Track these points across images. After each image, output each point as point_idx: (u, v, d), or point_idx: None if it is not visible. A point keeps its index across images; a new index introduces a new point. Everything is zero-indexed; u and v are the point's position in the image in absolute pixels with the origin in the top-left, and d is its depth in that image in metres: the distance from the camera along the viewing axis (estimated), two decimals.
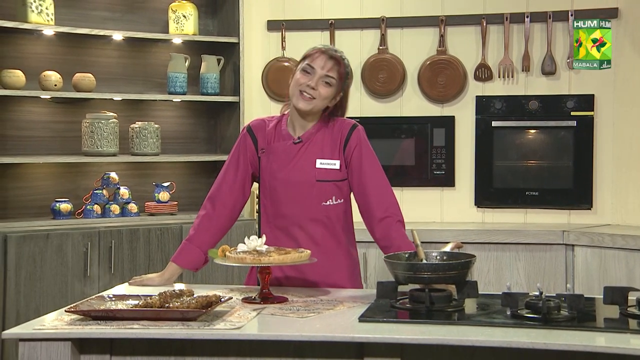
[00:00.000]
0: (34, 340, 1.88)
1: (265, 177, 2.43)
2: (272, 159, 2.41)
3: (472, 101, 4.22)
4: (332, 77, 2.37)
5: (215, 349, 1.92)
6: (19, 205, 3.81)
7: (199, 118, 4.32)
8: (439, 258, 2.22)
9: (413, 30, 4.28)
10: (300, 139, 2.41)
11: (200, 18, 4.18)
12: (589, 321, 1.94)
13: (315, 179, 2.38)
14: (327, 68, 2.36)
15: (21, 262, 3.44)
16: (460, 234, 3.82)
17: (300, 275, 2.40)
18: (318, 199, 2.38)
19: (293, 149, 2.40)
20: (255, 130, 2.45)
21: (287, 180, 2.39)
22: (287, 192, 2.39)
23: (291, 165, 2.39)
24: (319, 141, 2.41)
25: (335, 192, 2.40)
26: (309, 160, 2.39)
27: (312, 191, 2.38)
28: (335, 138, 2.41)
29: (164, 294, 2.03)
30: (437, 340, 1.83)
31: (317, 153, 2.40)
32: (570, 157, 4.10)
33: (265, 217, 2.45)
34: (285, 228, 2.40)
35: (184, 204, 4.20)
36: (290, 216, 2.40)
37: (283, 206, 2.40)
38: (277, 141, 2.42)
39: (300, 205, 2.38)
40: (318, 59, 2.37)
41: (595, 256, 3.69)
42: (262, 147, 2.43)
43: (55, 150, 3.93)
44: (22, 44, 3.86)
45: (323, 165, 2.38)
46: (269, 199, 2.43)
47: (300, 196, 2.38)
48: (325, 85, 2.37)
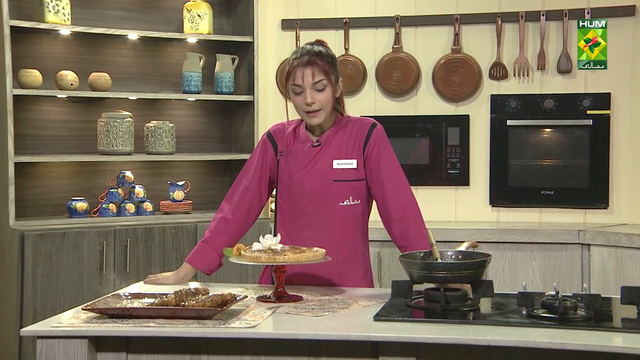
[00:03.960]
0: (52, 337, 1.90)
1: (283, 179, 2.44)
2: (291, 161, 2.43)
3: (487, 100, 4.20)
4: (320, 80, 2.36)
5: (230, 347, 1.93)
6: (35, 203, 3.84)
7: (214, 117, 4.33)
8: (454, 257, 2.21)
9: (427, 29, 4.27)
10: (319, 142, 2.42)
11: (215, 17, 4.19)
12: (606, 321, 1.93)
13: (333, 179, 2.39)
14: (310, 76, 2.35)
15: (38, 261, 3.47)
16: (475, 233, 3.81)
17: (316, 276, 2.40)
18: (335, 199, 2.39)
19: (312, 152, 2.42)
20: (275, 135, 2.47)
21: (305, 182, 2.40)
22: (304, 193, 2.40)
23: (309, 167, 2.41)
24: (338, 142, 2.42)
25: (352, 193, 2.40)
26: (326, 162, 2.40)
27: (329, 192, 2.38)
28: (355, 137, 2.42)
29: (179, 293, 2.04)
30: (453, 340, 1.83)
31: (335, 154, 2.40)
32: (586, 156, 4.08)
33: (282, 220, 2.46)
34: (301, 230, 2.41)
35: (199, 202, 4.21)
36: (306, 218, 2.40)
37: (300, 208, 2.41)
38: (296, 144, 2.44)
39: (317, 206, 2.39)
40: (297, 74, 2.36)
41: (612, 256, 3.66)
42: (281, 150, 2.45)
43: (71, 149, 3.96)
44: (39, 43, 3.89)
45: (340, 165, 2.39)
46: (286, 201, 2.44)
47: (317, 197, 2.39)
48: (319, 91, 2.36)
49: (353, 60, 4.32)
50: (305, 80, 2.35)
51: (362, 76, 4.31)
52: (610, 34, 4.03)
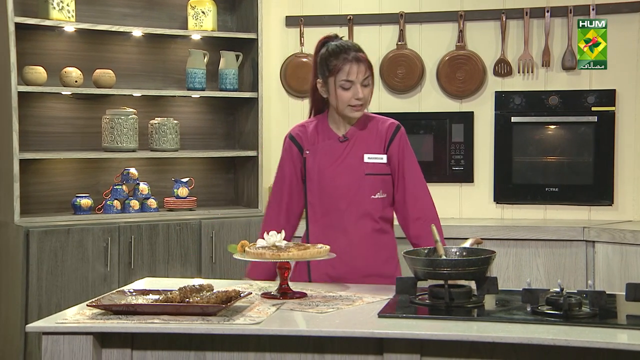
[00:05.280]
0: (57, 333, 1.90)
1: (312, 176, 2.48)
2: (319, 158, 2.47)
3: (492, 97, 4.20)
4: (367, 76, 2.45)
5: (234, 344, 1.93)
6: (40, 200, 3.85)
7: (218, 114, 4.34)
8: (459, 254, 2.21)
9: (432, 26, 4.26)
10: (346, 137, 2.47)
11: (219, 14, 4.19)
12: (611, 318, 1.93)
13: (364, 172, 2.44)
14: (361, 73, 2.43)
15: (43, 257, 3.48)
16: (480, 229, 3.80)
17: (353, 269, 2.43)
18: (367, 192, 2.45)
19: (340, 147, 2.47)
20: (297, 137, 2.52)
21: (337, 177, 2.45)
22: (336, 188, 2.44)
23: (339, 161, 2.45)
24: (365, 137, 2.48)
25: (382, 186, 2.47)
26: (356, 156, 2.46)
27: (361, 185, 2.44)
28: (380, 136, 2.48)
29: (184, 289, 2.04)
30: (457, 337, 1.83)
31: (364, 148, 2.47)
32: (590, 152, 4.07)
33: (313, 216, 2.49)
34: (335, 225, 2.44)
35: (203, 199, 4.21)
36: (339, 212, 2.44)
37: (332, 203, 2.45)
38: (321, 141, 2.49)
39: (350, 199, 2.44)
40: (350, 70, 2.42)
41: (617, 253, 3.66)
42: (307, 149, 2.49)
43: (76, 146, 3.96)
44: (44, 40, 3.89)
45: (371, 159, 2.46)
46: (317, 197, 2.47)
47: (350, 191, 2.44)
48: (365, 87, 2.44)
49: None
50: (355, 76, 2.41)
51: None
52: (616, 30, 4.02)
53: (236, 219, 3.93)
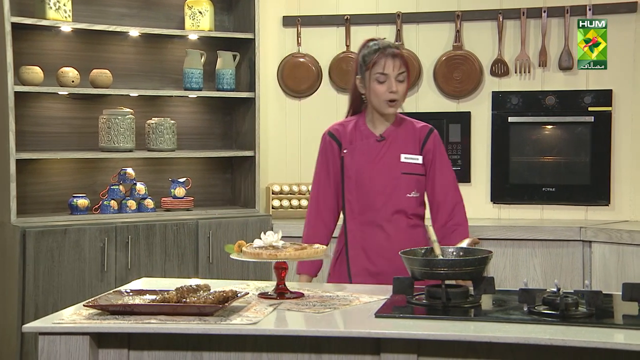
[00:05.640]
0: (54, 334, 1.90)
1: (350, 174, 2.53)
2: (357, 157, 2.53)
3: (489, 97, 4.20)
4: (402, 72, 2.50)
5: (231, 344, 1.93)
6: (37, 200, 3.85)
7: (215, 114, 4.33)
8: (456, 254, 2.21)
9: (429, 26, 4.26)
10: (384, 137, 2.53)
11: (216, 14, 4.19)
12: (607, 318, 1.93)
13: (401, 171, 2.50)
14: (396, 67, 2.49)
15: (39, 257, 3.47)
16: (476, 230, 3.80)
17: (391, 263, 2.45)
18: (403, 190, 2.50)
19: (377, 146, 2.53)
20: (336, 134, 2.58)
21: (374, 175, 2.50)
22: (374, 185, 2.50)
23: (376, 160, 2.51)
24: (401, 138, 2.54)
25: (416, 186, 2.53)
26: (393, 155, 2.52)
27: (398, 183, 2.50)
28: (415, 137, 2.54)
29: (181, 289, 2.04)
30: (454, 337, 1.83)
31: (400, 148, 2.53)
32: (587, 152, 4.07)
33: (351, 214, 2.54)
34: (372, 221, 2.50)
35: (200, 199, 4.21)
36: (377, 209, 2.49)
37: (370, 200, 2.50)
38: (359, 140, 2.54)
39: (387, 197, 2.49)
40: (386, 64, 2.49)
41: (613, 253, 3.66)
42: (345, 147, 2.55)
43: (73, 146, 3.96)
44: (40, 40, 3.89)
45: (407, 159, 2.52)
46: (355, 195, 2.52)
47: (387, 189, 2.50)
48: (400, 82, 2.52)
49: (354, 57, 4.29)
50: (391, 70, 2.49)
51: None
52: (612, 30, 4.02)
53: (233, 219, 3.93)
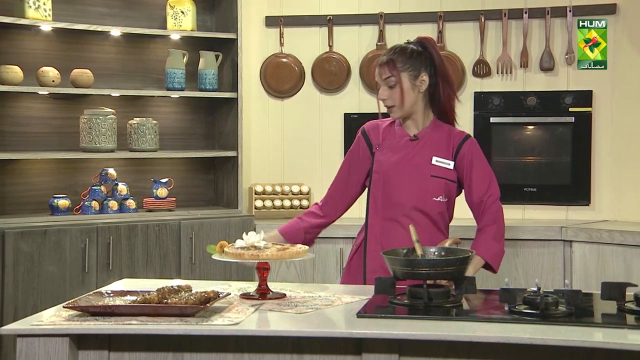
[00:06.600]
0: (32, 336, 1.88)
1: (379, 169, 2.53)
2: (389, 153, 2.53)
3: (471, 97, 4.22)
4: (389, 77, 2.47)
5: (213, 344, 1.93)
6: (16, 201, 3.81)
7: (197, 114, 4.32)
8: (437, 254, 2.22)
9: (411, 26, 4.27)
10: (417, 137, 2.52)
11: (198, 14, 4.18)
12: (586, 317, 1.95)
13: (430, 174, 2.48)
14: (383, 74, 2.49)
15: (19, 258, 3.44)
16: (458, 230, 3.79)
17: None
18: (430, 193, 2.48)
19: (409, 145, 2.52)
20: (368, 131, 2.60)
21: (403, 173, 2.49)
22: (401, 183, 2.49)
23: (407, 158, 2.50)
24: (435, 141, 2.52)
25: (445, 191, 2.50)
26: (425, 157, 2.50)
27: (425, 185, 2.48)
28: (449, 142, 2.52)
29: (162, 290, 2.03)
30: (435, 336, 1.83)
31: (433, 151, 2.51)
32: (568, 153, 4.11)
33: (374, 209, 2.54)
34: (395, 218, 2.49)
35: (182, 200, 4.19)
36: (399, 207, 2.48)
37: (394, 197, 2.49)
38: (392, 138, 2.55)
39: (412, 197, 2.48)
40: (377, 72, 2.52)
41: (593, 252, 3.69)
42: (376, 143, 2.56)
43: (53, 146, 3.92)
44: (20, 39, 3.85)
45: (439, 163, 2.50)
46: (381, 190, 2.52)
47: (412, 188, 2.48)
48: (389, 88, 2.49)
49: (337, 57, 4.32)
50: (380, 78, 2.51)
51: (346, 73, 4.32)
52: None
53: (216, 220, 3.92)
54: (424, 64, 2.48)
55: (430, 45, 2.51)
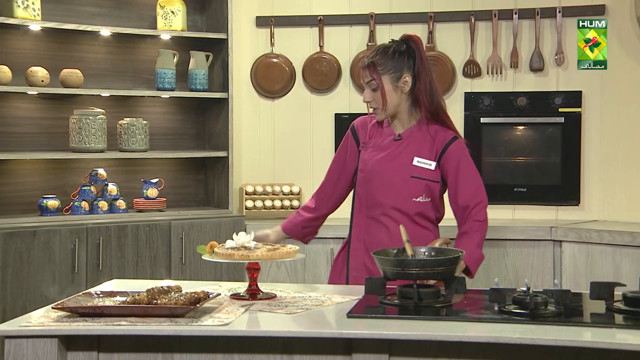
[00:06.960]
0: (20, 337, 1.87)
1: (363, 168, 2.54)
2: (373, 152, 2.53)
3: (461, 97, 4.23)
4: (371, 80, 2.48)
5: (203, 345, 1.92)
6: (5, 201, 3.79)
7: (188, 114, 4.31)
8: (427, 254, 2.22)
9: (402, 27, 4.26)
10: (401, 137, 2.52)
11: (188, 14, 4.17)
12: (575, 316, 1.96)
13: (410, 175, 2.48)
14: (365, 77, 2.50)
15: (8, 259, 3.42)
16: (449, 230, 3.81)
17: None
18: (410, 194, 2.48)
19: (393, 145, 2.52)
20: (357, 128, 2.61)
21: (385, 172, 2.49)
22: (382, 183, 2.50)
23: (389, 158, 2.50)
24: (419, 141, 2.51)
25: (426, 191, 2.49)
26: (406, 157, 2.50)
27: (405, 186, 2.48)
28: (433, 143, 2.50)
29: (151, 291, 2.02)
30: (425, 336, 1.84)
31: (415, 151, 2.50)
32: (558, 153, 4.12)
33: (359, 208, 2.55)
34: (377, 217, 2.50)
35: (173, 200, 4.18)
36: (382, 205, 2.49)
37: (377, 196, 2.50)
38: (379, 137, 2.55)
39: (392, 197, 2.48)
40: (360, 75, 2.54)
41: (583, 252, 3.71)
42: (363, 141, 2.57)
43: (43, 146, 3.91)
44: (8, 39, 3.83)
45: (420, 163, 2.49)
46: (364, 189, 2.53)
47: (393, 189, 2.49)
48: (372, 91, 2.50)
49: (328, 57, 4.32)
50: (362, 80, 2.53)
51: (336, 73, 4.32)
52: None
53: (206, 220, 3.91)
54: (407, 64, 2.47)
55: (415, 42, 2.50)
